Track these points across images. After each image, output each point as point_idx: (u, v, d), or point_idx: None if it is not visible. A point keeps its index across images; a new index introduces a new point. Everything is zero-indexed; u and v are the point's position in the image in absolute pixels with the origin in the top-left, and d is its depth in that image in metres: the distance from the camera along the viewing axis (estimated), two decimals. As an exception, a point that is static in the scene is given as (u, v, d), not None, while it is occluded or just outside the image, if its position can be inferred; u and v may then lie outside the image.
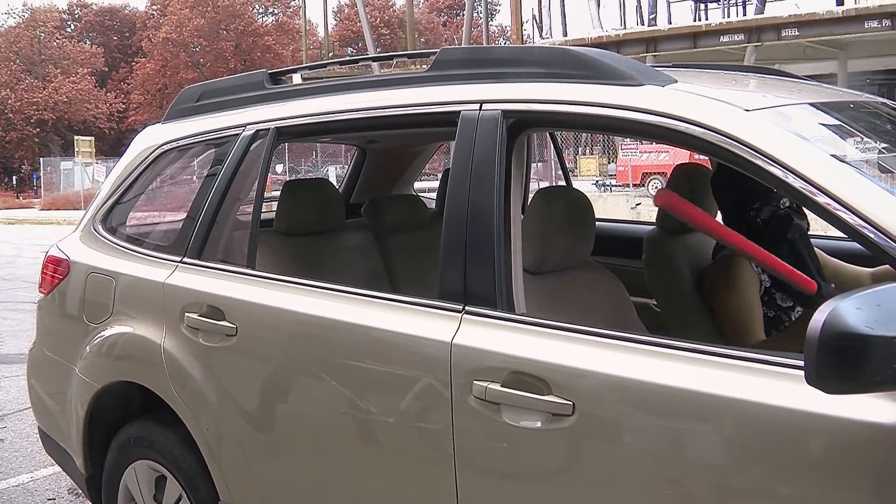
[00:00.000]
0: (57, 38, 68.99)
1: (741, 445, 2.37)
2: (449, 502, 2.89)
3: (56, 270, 4.42)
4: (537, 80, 3.00)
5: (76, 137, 48.55)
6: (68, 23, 76.63)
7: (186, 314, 3.68)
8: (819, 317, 2.00)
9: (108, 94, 68.40)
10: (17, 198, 56.71)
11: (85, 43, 72.78)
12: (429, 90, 3.26)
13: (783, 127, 2.66)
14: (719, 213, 3.96)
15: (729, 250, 3.63)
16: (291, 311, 3.40)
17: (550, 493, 2.72)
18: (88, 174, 44.84)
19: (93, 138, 49.70)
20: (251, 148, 3.77)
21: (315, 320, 3.31)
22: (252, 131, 3.78)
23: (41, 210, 43.94)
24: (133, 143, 4.51)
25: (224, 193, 3.78)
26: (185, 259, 3.84)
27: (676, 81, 2.86)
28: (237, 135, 3.83)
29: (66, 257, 4.41)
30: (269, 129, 3.73)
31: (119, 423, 4.14)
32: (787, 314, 3.58)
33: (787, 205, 3.55)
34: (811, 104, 3.09)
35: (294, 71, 4.20)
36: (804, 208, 3.47)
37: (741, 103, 2.70)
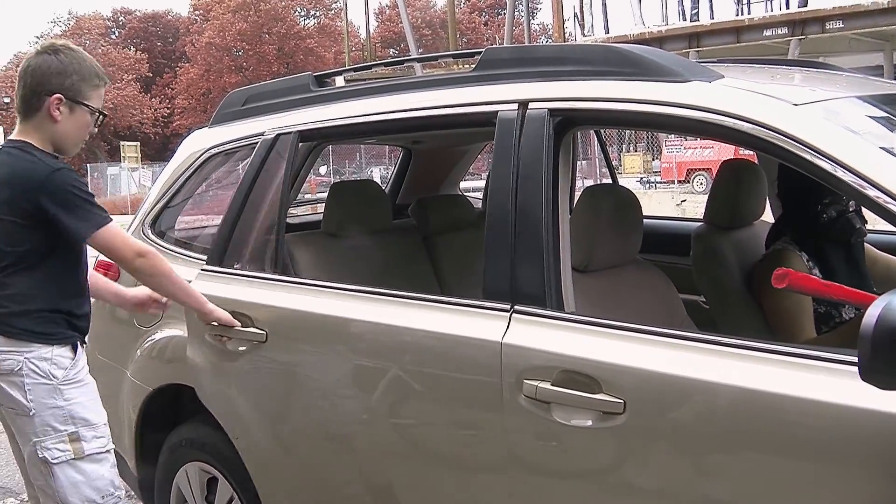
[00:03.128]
0: (102, 46, 69.51)
1: (794, 442, 2.35)
2: (500, 502, 2.90)
3: (106, 275, 4.46)
4: (583, 79, 3.00)
5: (122, 143, 48.96)
6: (113, 30, 77.21)
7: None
8: (873, 311, 1.98)
9: (153, 99, 68.86)
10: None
11: (129, 49, 73.21)
12: (474, 90, 3.26)
13: (832, 121, 2.64)
14: (769, 206, 3.94)
15: (780, 244, 3.61)
16: (337, 316, 3.43)
17: (602, 492, 2.72)
18: (135, 179, 45.20)
19: (138, 143, 50.17)
20: (297, 150, 3.79)
21: (364, 325, 3.32)
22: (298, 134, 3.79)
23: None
24: (180, 147, 4.54)
25: (270, 197, 3.80)
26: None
27: (723, 77, 2.84)
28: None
29: (115, 261, 4.45)
30: (314, 131, 3.75)
31: (170, 425, 4.18)
32: (838, 310, 3.55)
33: (853, 207, 3.52)
34: (859, 97, 3.06)
35: (338, 73, 4.22)
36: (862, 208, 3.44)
37: (789, 98, 2.69)
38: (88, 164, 54.20)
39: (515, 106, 3.06)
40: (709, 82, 2.80)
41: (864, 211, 3.31)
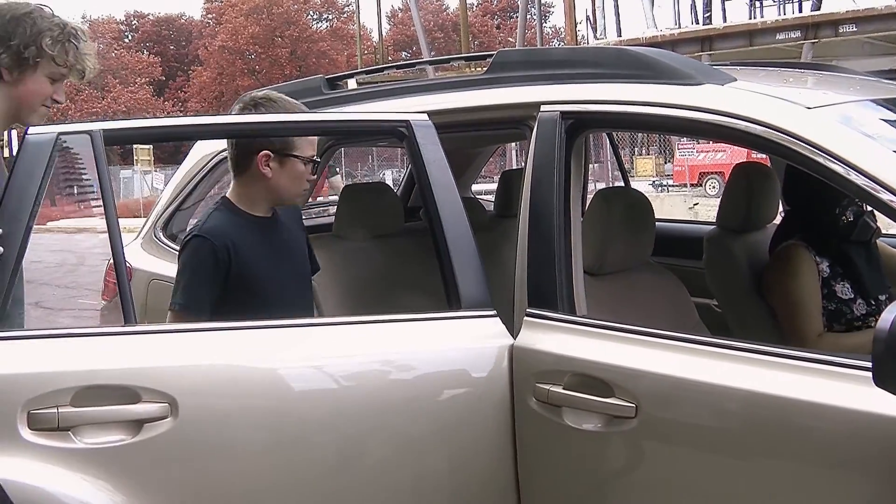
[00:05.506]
0: (115, 49, 69.48)
1: (806, 447, 2.34)
2: (511, 505, 2.88)
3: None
4: (596, 81, 3.00)
5: (135, 146, 48.98)
6: (126, 33, 77.23)
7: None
8: (887, 316, 1.97)
9: (166, 102, 68.80)
10: (79, 206, 57.35)
11: (142, 53, 73.16)
12: (487, 92, 3.26)
13: (845, 124, 2.63)
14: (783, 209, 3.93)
15: (789, 241, 3.61)
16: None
17: (613, 496, 2.71)
18: (147, 182, 45.24)
19: (151, 146, 50.16)
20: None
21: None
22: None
23: (102, 218, 44.19)
24: (192, 150, 4.54)
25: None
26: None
27: (736, 80, 2.84)
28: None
29: (128, 264, 4.44)
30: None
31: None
32: (849, 306, 3.54)
33: (868, 207, 3.52)
34: (873, 100, 3.05)
35: (350, 76, 4.21)
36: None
37: (802, 101, 2.68)
38: (102, 167, 54.19)
39: (535, 108, 3.05)
40: (721, 85, 2.80)
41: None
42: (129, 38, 77.43)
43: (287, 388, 2.85)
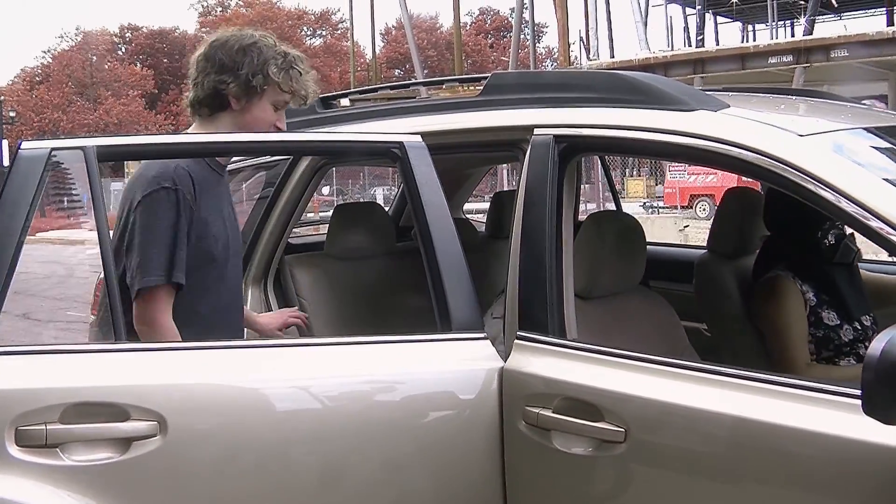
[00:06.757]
0: (108, 61, 69.58)
1: (794, 475, 2.34)
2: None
3: (108, 292, 4.44)
4: (590, 106, 3.00)
5: (126, 159, 48.84)
6: (119, 45, 77.18)
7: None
8: (877, 345, 1.98)
9: (158, 115, 68.71)
10: (69, 218, 57.15)
11: (135, 65, 73.19)
12: (481, 115, 3.26)
13: (837, 152, 2.64)
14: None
15: (773, 272, 3.61)
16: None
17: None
18: (138, 195, 45.22)
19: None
20: (302, 171, 3.78)
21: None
22: (303, 155, 3.79)
23: (91, 230, 44.07)
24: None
25: (277, 216, 3.80)
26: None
27: (729, 106, 2.85)
28: (287, 158, 3.84)
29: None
30: (321, 152, 3.74)
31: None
32: (836, 332, 3.56)
33: (848, 231, 3.54)
34: (865, 128, 3.07)
35: (344, 95, 4.22)
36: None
37: (795, 128, 2.69)
38: (92, 180, 54.08)
39: (529, 132, 3.05)
40: (714, 111, 2.81)
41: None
42: (123, 50, 77.38)
43: (277, 409, 2.83)
